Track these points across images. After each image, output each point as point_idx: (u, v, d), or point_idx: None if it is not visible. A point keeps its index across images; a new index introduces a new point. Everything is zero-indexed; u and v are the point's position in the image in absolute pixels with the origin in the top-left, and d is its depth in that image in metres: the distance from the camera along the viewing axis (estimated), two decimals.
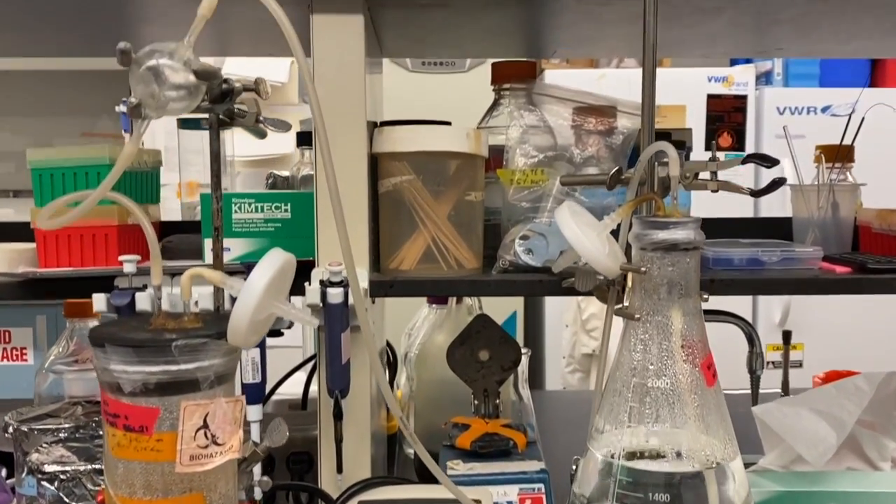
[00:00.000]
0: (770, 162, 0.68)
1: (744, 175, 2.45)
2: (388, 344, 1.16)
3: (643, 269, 0.60)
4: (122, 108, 2.89)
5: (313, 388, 1.19)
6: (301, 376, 1.23)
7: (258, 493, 0.72)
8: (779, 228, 1.02)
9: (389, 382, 1.12)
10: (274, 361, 0.82)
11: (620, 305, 0.64)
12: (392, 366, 1.15)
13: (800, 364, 2.57)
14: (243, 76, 2.22)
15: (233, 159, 2.48)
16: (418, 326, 1.22)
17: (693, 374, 0.60)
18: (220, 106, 0.64)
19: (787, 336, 1.38)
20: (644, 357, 0.61)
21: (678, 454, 0.60)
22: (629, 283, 0.65)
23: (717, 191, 0.70)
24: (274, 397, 1.19)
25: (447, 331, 1.09)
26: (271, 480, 0.70)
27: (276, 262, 0.56)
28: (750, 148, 2.72)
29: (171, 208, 1.35)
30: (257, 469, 0.71)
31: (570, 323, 2.56)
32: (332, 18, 0.77)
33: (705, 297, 0.62)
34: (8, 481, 0.95)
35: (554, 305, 2.61)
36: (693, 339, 0.61)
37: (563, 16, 0.89)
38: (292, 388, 1.22)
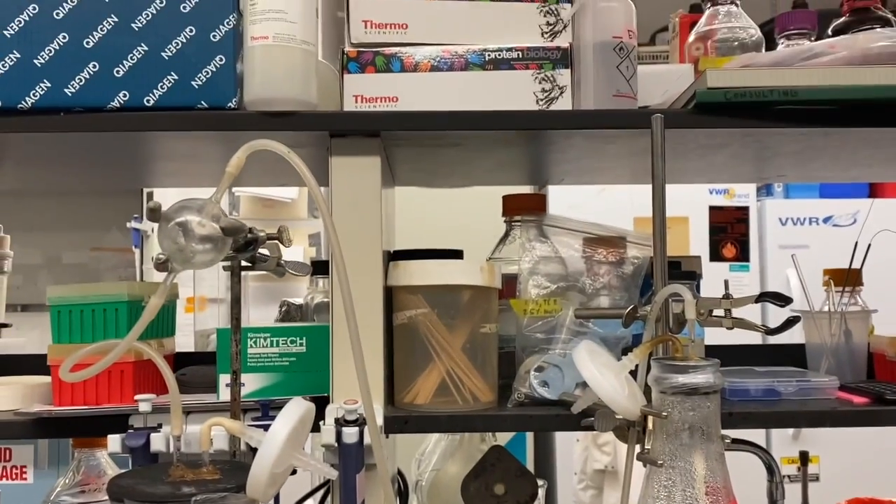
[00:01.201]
0: (784, 301, 0.69)
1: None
2: (399, 471, 1.14)
3: (665, 413, 0.60)
4: (133, 224, 2.91)
5: None
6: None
7: None
8: (792, 355, 1.02)
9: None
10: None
11: (642, 449, 0.63)
12: (403, 494, 1.13)
13: (816, 478, 2.51)
14: (254, 192, 2.27)
15: (246, 276, 2.49)
16: (429, 452, 1.20)
17: None
18: (244, 254, 0.65)
19: (804, 457, 1.35)
20: None
21: None
22: (650, 424, 0.65)
23: (731, 328, 0.71)
24: None
25: (460, 460, 1.07)
26: None
27: (295, 414, 0.55)
28: (754, 258, 2.74)
29: (179, 324, 1.35)
30: None
31: (580, 437, 2.51)
32: (351, 160, 0.80)
33: (728, 440, 0.61)
34: None
35: None
36: (717, 485, 0.60)
37: (571, 151, 0.92)
38: None
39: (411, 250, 0.96)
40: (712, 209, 3.04)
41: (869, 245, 1.02)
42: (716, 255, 2.93)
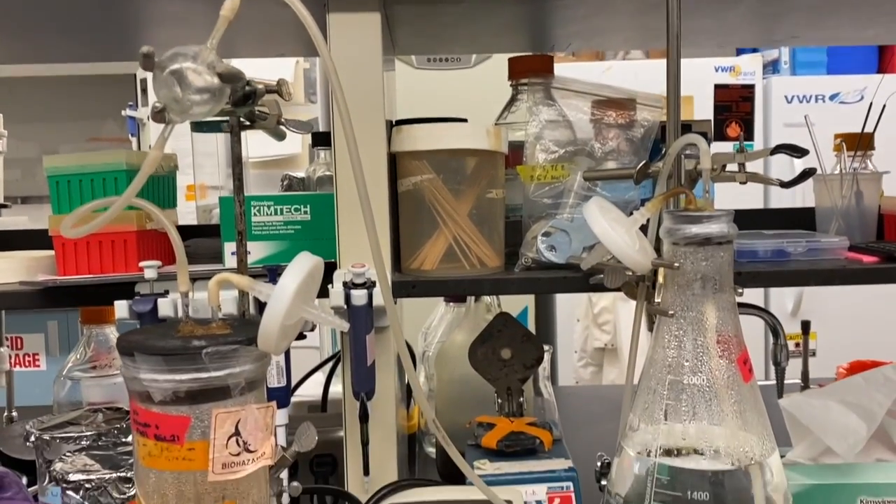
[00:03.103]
0: (800, 152, 0.67)
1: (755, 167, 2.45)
2: (406, 342, 1.15)
3: (676, 264, 0.59)
4: (128, 112, 2.88)
5: (333, 388, 1.19)
6: (319, 377, 1.22)
7: (286, 499, 0.71)
8: (801, 219, 1.01)
9: (408, 384, 1.12)
10: (292, 363, 0.81)
11: (652, 302, 0.63)
12: None
13: (813, 353, 2.56)
14: (250, 78, 2.22)
15: (246, 160, 2.50)
16: (435, 325, 1.21)
17: (729, 370, 0.59)
18: (242, 108, 0.63)
19: (805, 326, 1.37)
20: (679, 354, 0.60)
21: (716, 451, 0.59)
22: (660, 278, 0.64)
23: (745, 182, 0.69)
24: (293, 399, 1.18)
25: (467, 329, 1.08)
26: (301, 486, 0.69)
27: (305, 266, 0.55)
28: (759, 138, 2.70)
29: (182, 211, 1.34)
30: (284, 474, 0.70)
31: (581, 317, 2.56)
32: (349, 17, 0.76)
33: (739, 291, 0.61)
34: (29, 489, 0.94)
35: (565, 300, 2.60)
36: (728, 335, 0.60)
37: (579, 8, 0.88)
38: (311, 390, 1.21)
39: (414, 118, 0.94)
40: (717, 88, 2.99)
41: (883, 107, 1.00)
42: (720, 135, 2.91)
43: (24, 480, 0.97)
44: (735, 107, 1.77)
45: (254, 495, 0.57)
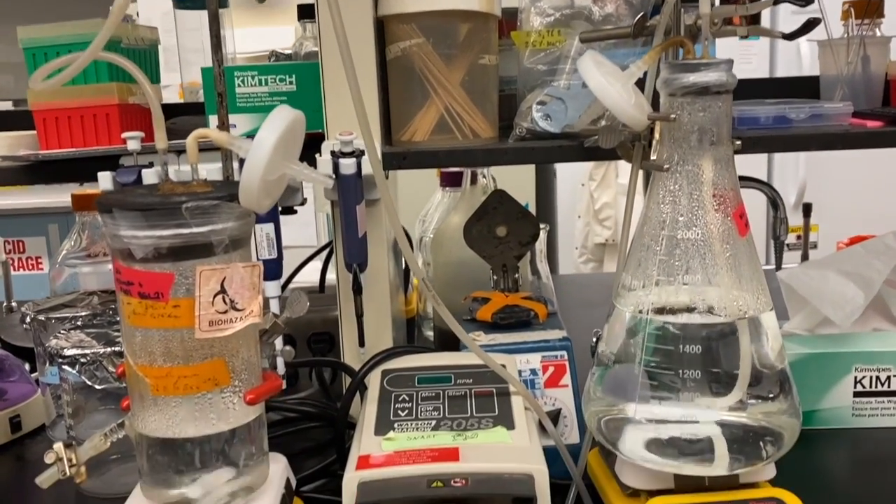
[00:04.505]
0: (805, 1, 0.64)
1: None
2: (403, 229, 1.14)
3: (673, 115, 0.57)
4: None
5: (330, 275, 1.18)
6: (317, 265, 1.22)
7: (281, 367, 0.71)
8: (805, 87, 0.98)
9: (405, 269, 1.11)
10: (287, 260, 0.80)
11: (648, 160, 0.61)
12: None
13: (815, 245, 2.56)
14: None
15: (234, 56, 2.43)
16: (431, 212, 1.20)
17: (725, 224, 0.58)
18: None
19: (807, 209, 1.36)
20: (673, 209, 0.58)
21: (709, 306, 0.58)
22: (657, 135, 0.62)
23: (746, 36, 0.66)
24: (290, 286, 1.18)
25: (462, 211, 1.06)
26: (293, 350, 0.69)
27: (284, 119, 0.53)
28: (765, 22, 2.62)
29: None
30: (278, 342, 0.70)
31: (582, 213, 2.54)
32: None
33: (737, 143, 0.59)
34: (31, 376, 0.95)
35: (566, 196, 2.59)
36: (725, 188, 0.58)
37: None
38: (309, 277, 1.21)
39: None
40: None
41: None
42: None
43: (27, 367, 0.98)
44: None
45: (243, 354, 0.56)
